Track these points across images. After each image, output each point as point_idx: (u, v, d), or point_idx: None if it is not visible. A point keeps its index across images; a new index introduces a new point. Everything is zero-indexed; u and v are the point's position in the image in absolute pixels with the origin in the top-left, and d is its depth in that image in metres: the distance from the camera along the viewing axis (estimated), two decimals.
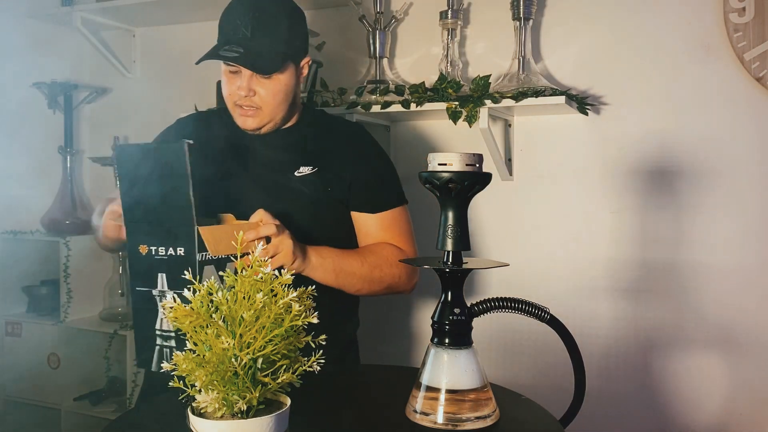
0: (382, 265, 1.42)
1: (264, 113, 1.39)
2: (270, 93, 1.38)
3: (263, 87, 1.37)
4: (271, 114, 1.40)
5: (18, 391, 2.32)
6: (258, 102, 1.38)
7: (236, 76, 1.38)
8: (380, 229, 1.47)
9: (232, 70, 1.38)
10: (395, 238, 1.48)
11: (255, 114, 1.39)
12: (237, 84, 1.37)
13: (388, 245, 1.46)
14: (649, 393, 1.80)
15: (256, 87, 1.37)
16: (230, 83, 1.39)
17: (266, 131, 1.44)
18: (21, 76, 2.36)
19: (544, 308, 0.99)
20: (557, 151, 1.89)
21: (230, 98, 1.40)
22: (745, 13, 1.69)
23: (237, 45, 1.34)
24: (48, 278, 2.37)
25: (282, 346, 0.82)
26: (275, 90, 1.38)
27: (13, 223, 2.31)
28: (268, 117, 1.40)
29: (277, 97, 1.39)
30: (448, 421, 0.93)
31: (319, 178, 1.43)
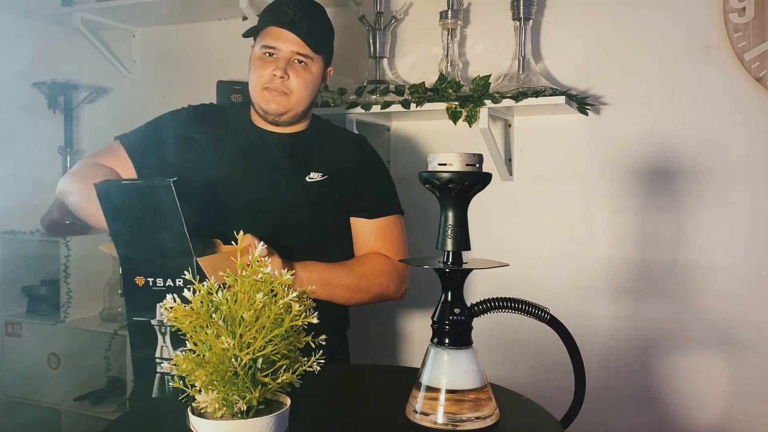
0: (369, 275, 1.45)
1: (291, 100, 1.45)
2: (302, 81, 1.44)
3: (296, 74, 1.44)
4: (297, 102, 1.46)
5: (18, 391, 2.32)
6: (290, 86, 1.44)
7: (270, 61, 1.44)
8: (375, 236, 1.51)
9: (269, 52, 1.44)
10: (388, 246, 1.52)
11: (283, 99, 1.45)
12: (271, 68, 1.43)
13: (376, 255, 1.50)
14: (649, 393, 1.80)
15: (291, 72, 1.43)
16: (263, 67, 1.44)
17: (285, 120, 1.48)
18: (21, 76, 2.35)
19: (544, 308, 0.99)
20: (557, 151, 1.89)
21: (260, 82, 1.45)
22: (745, 13, 1.69)
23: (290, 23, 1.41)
24: (48, 278, 2.37)
25: (282, 346, 0.82)
26: (307, 79, 1.45)
27: (13, 223, 2.31)
28: (293, 104, 1.46)
29: (307, 87, 1.45)
30: (448, 421, 0.93)
31: (329, 185, 1.49)
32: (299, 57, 1.44)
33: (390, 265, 1.49)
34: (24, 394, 2.31)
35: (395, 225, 1.55)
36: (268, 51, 1.44)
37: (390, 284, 1.48)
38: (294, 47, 1.43)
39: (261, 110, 1.48)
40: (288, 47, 1.43)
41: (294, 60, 1.44)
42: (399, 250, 1.53)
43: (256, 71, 1.45)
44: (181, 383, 0.82)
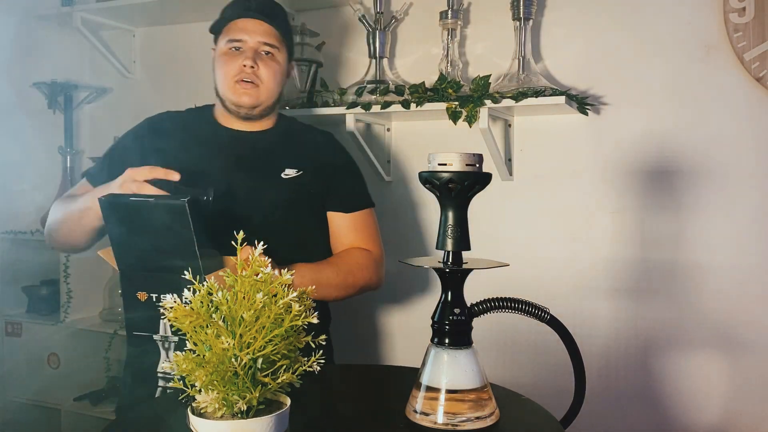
0: (354, 271, 1.51)
1: (262, 91, 1.47)
2: (271, 71, 1.47)
3: (265, 64, 1.46)
4: (267, 94, 1.48)
5: (18, 391, 2.32)
6: (260, 76, 1.46)
7: (237, 55, 1.46)
8: (352, 230, 1.57)
9: (235, 46, 1.46)
10: (365, 238, 1.58)
11: (255, 90, 1.46)
12: (239, 60, 1.44)
13: (356, 250, 1.55)
14: (649, 393, 1.80)
15: (259, 62, 1.45)
16: (231, 61, 1.46)
17: (257, 113, 1.50)
18: (21, 76, 2.35)
19: (544, 308, 0.99)
20: (557, 151, 1.89)
21: (230, 77, 1.46)
22: (745, 13, 1.69)
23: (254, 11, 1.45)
24: (48, 278, 2.37)
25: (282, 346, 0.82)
26: (275, 69, 1.48)
27: (13, 223, 2.31)
28: (264, 95, 1.48)
29: (275, 77, 1.48)
30: (448, 421, 0.93)
31: (303, 181, 1.51)
32: (266, 48, 1.46)
33: (371, 258, 1.55)
34: (24, 394, 2.31)
35: (369, 217, 1.61)
36: (233, 45, 1.46)
37: (372, 276, 1.55)
38: (260, 37, 1.45)
39: (233, 105, 1.48)
40: (254, 38, 1.45)
41: (261, 51, 1.46)
42: (375, 242, 1.60)
43: (223, 67, 1.47)
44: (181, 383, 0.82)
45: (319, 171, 1.54)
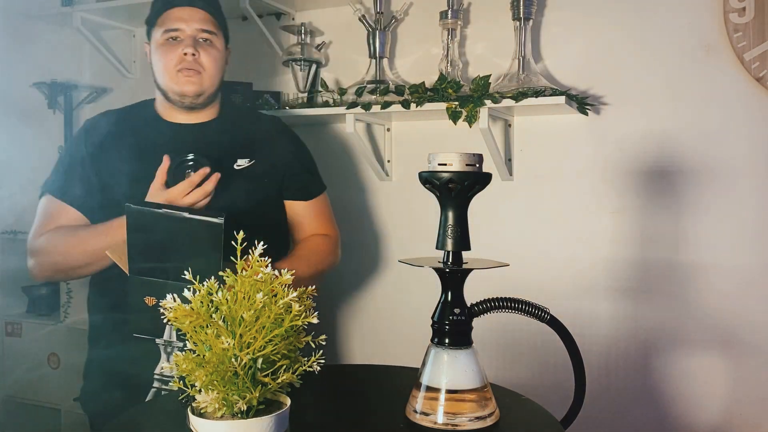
0: (321, 261, 1.55)
1: (205, 78, 1.46)
2: (211, 57, 1.46)
3: (205, 51, 1.45)
4: (210, 81, 1.47)
5: (18, 391, 2.32)
6: (202, 63, 1.45)
7: (176, 45, 1.44)
8: (312, 216, 1.60)
9: (173, 36, 1.44)
10: (325, 223, 1.62)
11: (198, 78, 1.45)
12: (179, 50, 1.43)
13: (320, 237, 1.59)
14: (649, 393, 1.80)
15: (199, 50, 1.44)
16: (171, 52, 1.44)
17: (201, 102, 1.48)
18: (21, 76, 2.35)
19: (544, 308, 0.99)
20: (557, 151, 1.89)
21: (171, 67, 1.44)
22: (745, 13, 1.69)
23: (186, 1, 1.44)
24: None
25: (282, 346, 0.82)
26: (215, 56, 1.47)
27: (13, 223, 2.31)
28: (207, 82, 1.46)
29: (216, 63, 1.47)
30: (448, 421, 0.93)
31: (257, 170, 1.50)
32: (203, 35, 1.45)
33: (332, 244, 1.60)
34: (24, 394, 2.31)
35: (325, 201, 1.65)
36: (170, 35, 1.44)
37: (335, 260, 1.61)
38: (197, 24, 1.44)
39: (177, 95, 1.46)
40: (192, 25, 1.44)
41: (199, 38, 1.45)
42: (333, 224, 1.65)
43: (163, 58, 1.45)
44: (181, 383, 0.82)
45: (272, 159, 1.53)
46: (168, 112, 1.51)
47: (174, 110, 1.50)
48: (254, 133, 1.55)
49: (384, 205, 2.10)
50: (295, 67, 2.06)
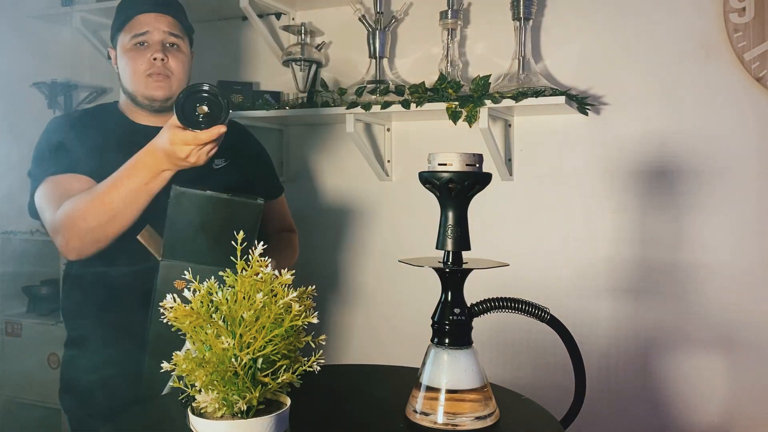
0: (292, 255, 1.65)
1: (173, 82, 1.47)
2: (179, 62, 1.48)
3: (173, 56, 1.47)
4: (178, 84, 1.48)
5: (18, 391, 2.32)
6: (171, 68, 1.46)
7: (144, 50, 1.45)
8: (279, 214, 1.69)
9: (140, 41, 1.45)
10: (286, 219, 1.73)
11: (167, 82, 1.46)
12: (148, 55, 1.44)
13: (287, 233, 1.70)
14: (649, 393, 1.80)
15: (168, 55, 1.46)
16: (139, 57, 1.45)
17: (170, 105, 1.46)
18: (21, 76, 2.35)
19: (544, 308, 0.99)
20: (557, 151, 1.89)
21: (140, 72, 1.44)
22: (745, 13, 1.69)
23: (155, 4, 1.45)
24: (48, 278, 2.37)
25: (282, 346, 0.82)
26: (183, 60, 1.49)
27: (13, 223, 2.31)
28: (176, 86, 1.47)
29: (184, 68, 1.49)
30: (448, 421, 0.93)
31: (231, 170, 1.53)
32: (171, 39, 1.46)
33: (296, 238, 1.71)
34: (24, 394, 2.31)
35: (284, 201, 1.74)
36: (138, 41, 1.45)
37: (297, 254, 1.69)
38: (165, 27, 1.45)
39: (146, 99, 1.46)
40: (159, 29, 1.45)
41: (167, 43, 1.46)
42: (292, 222, 1.75)
43: (131, 63, 1.45)
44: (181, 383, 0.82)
45: (241, 160, 1.57)
46: (135, 115, 1.51)
47: (141, 113, 1.50)
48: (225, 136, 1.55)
49: (384, 205, 2.10)
50: (295, 67, 2.06)
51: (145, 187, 1.24)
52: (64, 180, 1.41)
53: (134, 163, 1.26)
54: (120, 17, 1.48)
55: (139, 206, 1.26)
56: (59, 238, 1.37)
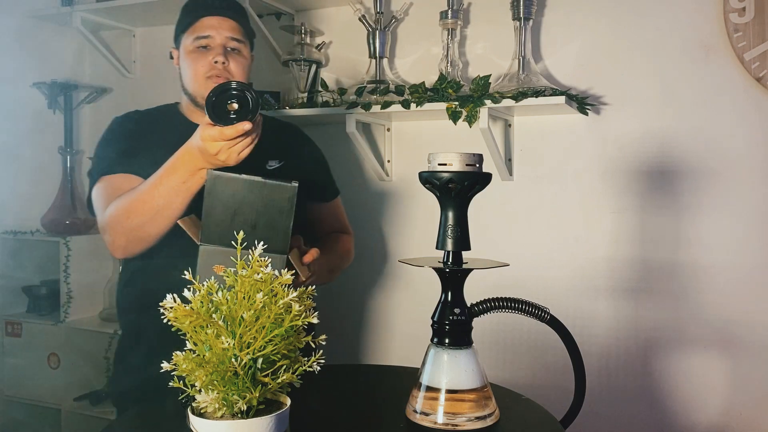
0: (344, 255, 1.64)
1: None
2: (240, 66, 1.49)
3: (233, 60, 1.49)
4: None
5: (18, 391, 2.32)
6: (231, 71, 1.47)
7: (206, 53, 1.47)
8: (333, 217, 1.69)
9: (201, 44, 1.47)
10: (341, 222, 1.72)
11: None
12: (209, 58, 1.46)
13: (343, 236, 1.68)
14: (649, 393, 1.80)
15: (228, 58, 1.48)
16: (201, 59, 1.47)
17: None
18: (21, 76, 2.35)
19: (544, 308, 0.99)
20: (557, 151, 1.89)
21: (201, 74, 1.47)
22: (745, 13, 1.69)
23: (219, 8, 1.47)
24: (48, 278, 2.37)
25: (282, 346, 0.82)
26: (243, 64, 1.50)
27: (13, 223, 2.31)
28: None
29: (244, 72, 1.51)
30: (448, 421, 0.93)
31: (286, 172, 1.52)
32: (232, 44, 1.48)
33: (351, 241, 1.69)
34: (24, 394, 2.31)
35: (340, 203, 1.73)
36: (201, 43, 1.47)
37: (352, 256, 1.69)
38: (227, 32, 1.48)
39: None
40: (222, 33, 1.47)
41: (228, 47, 1.48)
42: (348, 225, 1.73)
43: (193, 65, 1.47)
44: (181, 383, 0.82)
45: (297, 162, 1.58)
46: (194, 115, 1.54)
47: (200, 114, 1.52)
48: (279, 137, 1.60)
49: (384, 205, 2.10)
50: (295, 67, 2.06)
51: (183, 185, 1.27)
52: (116, 180, 1.45)
53: (173, 162, 1.29)
54: (185, 19, 1.51)
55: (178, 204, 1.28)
56: (106, 237, 1.41)
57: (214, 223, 1.18)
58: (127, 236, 1.36)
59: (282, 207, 1.18)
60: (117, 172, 1.46)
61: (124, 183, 1.42)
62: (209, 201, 1.18)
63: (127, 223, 1.34)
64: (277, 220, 1.18)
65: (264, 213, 1.18)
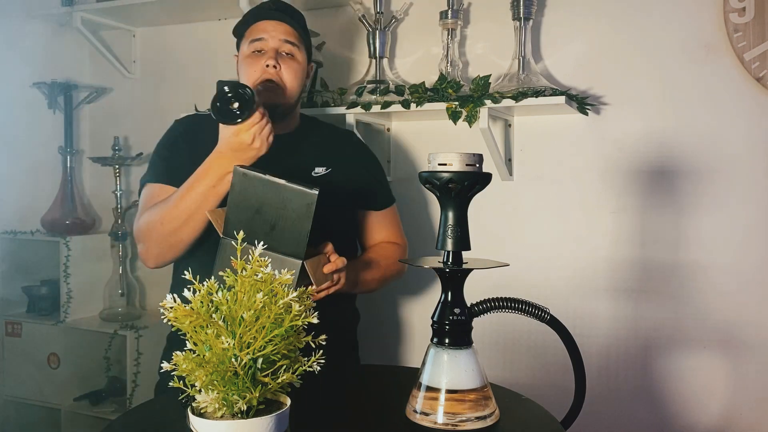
0: (390, 265, 1.60)
1: (285, 91, 1.50)
2: (292, 71, 1.50)
3: (286, 64, 1.49)
4: (290, 94, 1.51)
5: (18, 391, 2.32)
6: (283, 76, 1.48)
7: (260, 57, 1.48)
8: (383, 226, 1.65)
9: (256, 48, 1.49)
10: (396, 233, 1.68)
11: (278, 91, 1.49)
12: (263, 62, 1.47)
13: (390, 245, 1.64)
14: (649, 393, 1.80)
15: (281, 63, 1.49)
16: (255, 64, 1.49)
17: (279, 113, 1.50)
18: (21, 76, 2.35)
19: (544, 308, 0.99)
20: (557, 151, 1.89)
21: (254, 78, 1.48)
22: (745, 13, 1.69)
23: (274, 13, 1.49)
24: (48, 278, 2.37)
25: (282, 346, 0.82)
26: (296, 68, 1.50)
27: (13, 223, 2.31)
28: (287, 95, 1.50)
29: (297, 77, 1.51)
30: (448, 421, 0.93)
31: (333, 179, 1.55)
32: (286, 47, 1.49)
33: (400, 251, 1.65)
34: (24, 394, 2.31)
35: (395, 213, 1.70)
36: (255, 47, 1.49)
37: (401, 268, 1.65)
38: (281, 35, 1.49)
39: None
40: (276, 36, 1.48)
41: (282, 51, 1.49)
42: (402, 234, 1.70)
43: (247, 69, 1.50)
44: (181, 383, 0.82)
45: (347, 169, 1.58)
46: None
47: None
48: (331, 143, 1.62)
49: None
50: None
51: (213, 190, 1.31)
52: (155, 189, 1.48)
53: (204, 167, 1.33)
54: (243, 25, 1.54)
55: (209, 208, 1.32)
56: (140, 246, 1.45)
57: (237, 219, 1.21)
58: (160, 244, 1.40)
59: (300, 212, 1.19)
60: (159, 181, 1.49)
61: (161, 193, 1.46)
62: (234, 196, 1.21)
63: (161, 230, 1.37)
64: (294, 225, 1.20)
65: (283, 215, 1.20)
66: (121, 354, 2.24)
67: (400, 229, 1.70)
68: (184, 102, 2.16)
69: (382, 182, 1.69)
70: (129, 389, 2.19)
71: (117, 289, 2.32)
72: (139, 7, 2.20)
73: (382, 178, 1.70)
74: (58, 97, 2.42)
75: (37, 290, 2.36)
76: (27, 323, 2.31)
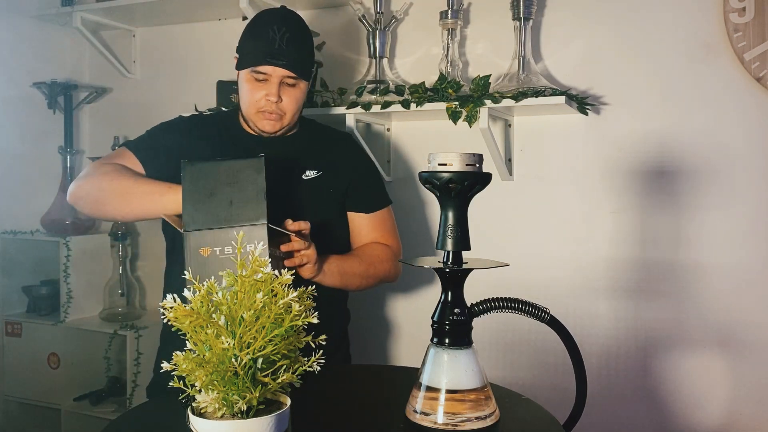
0: (375, 263, 1.57)
1: (285, 119, 1.52)
2: (293, 100, 1.51)
3: (288, 95, 1.50)
4: (290, 119, 1.53)
5: (18, 391, 2.32)
6: (283, 108, 1.50)
7: (263, 85, 1.49)
8: (373, 228, 1.63)
9: (258, 78, 1.48)
10: (385, 235, 1.64)
11: (278, 119, 1.51)
12: (264, 92, 1.48)
13: (378, 244, 1.62)
14: (649, 393, 1.80)
15: (282, 93, 1.49)
16: (256, 91, 1.50)
17: (279, 135, 1.56)
18: (21, 76, 2.35)
19: (544, 308, 0.99)
20: (557, 151, 1.89)
21: (254, 105, 1.51)
22: (745, 13, 1.69)
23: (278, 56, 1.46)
24: (48, 278, 2.37)
25: (282, 346, 0.82)
26: (297, 97, 1.52)
27: (13, 223, 2.31)
28: (287, 122, 1.53)
29: (297, 103, 1.53)
30: (448, 421, 0.93)
31: (323, 181, 1.56)
32: (289, 81, 1.50)
33: (390, 253, 1.62)
34: (24, 394, 2.31)
35: (389, 215, 1.68)
36: (258, 77, 1.49)
37: (390, 269, 1.61)
38: (283, 74, 1.48)
39: (256, 128, 1.54)
40: (278, 73, 1.48)
41: (285, 82, 1.49)
42: (394, 237, 1.67)
43: (249, 93, 1.50)
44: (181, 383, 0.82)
45: (339, 172, 1.59)
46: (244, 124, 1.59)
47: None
48: (325, 146, 1.63)
49: None
50: None
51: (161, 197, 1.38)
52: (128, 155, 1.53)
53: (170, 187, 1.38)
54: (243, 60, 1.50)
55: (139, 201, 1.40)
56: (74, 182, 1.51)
57: (194, 209, 1.24)
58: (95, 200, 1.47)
59: (253, 179, 1.25)
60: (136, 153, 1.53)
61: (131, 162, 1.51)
62: (187, 189, 1.25)
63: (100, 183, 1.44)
64: (250, 194, 1.25)
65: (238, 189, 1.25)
66: (121, 354, 2.24)
67: (392, 232, 1.66)
68: (184, 102, 2.16)
69: (374, 185, 1.67)
70: (129, 389, 2.19)
71: (117, 289, 2.32)
72: (139, 7, 2.20)
73: (375, 181, 1.68)
74: (58, 97, 2.42)
75: (37, 290, 2.36)
76: (27, 323, 2.31)
